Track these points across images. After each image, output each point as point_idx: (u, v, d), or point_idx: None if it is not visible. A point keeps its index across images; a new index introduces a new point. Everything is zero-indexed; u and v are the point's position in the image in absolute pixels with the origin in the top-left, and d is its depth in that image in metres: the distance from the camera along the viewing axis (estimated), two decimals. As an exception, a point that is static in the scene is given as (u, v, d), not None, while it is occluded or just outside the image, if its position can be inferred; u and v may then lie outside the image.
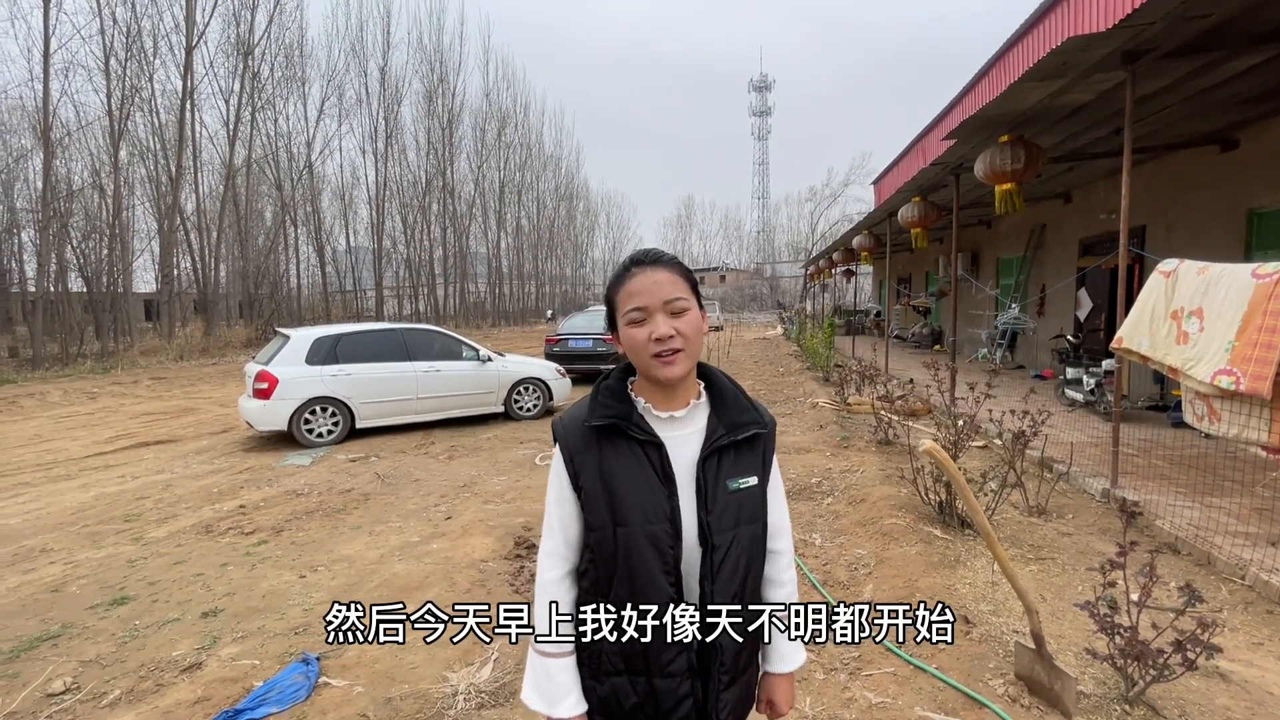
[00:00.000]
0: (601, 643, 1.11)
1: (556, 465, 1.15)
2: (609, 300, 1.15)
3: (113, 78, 21.15)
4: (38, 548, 4.36)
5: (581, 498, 1.11)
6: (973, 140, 6.58)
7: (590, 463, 1.10)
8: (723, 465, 1.12)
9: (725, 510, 1.11)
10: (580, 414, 1.14)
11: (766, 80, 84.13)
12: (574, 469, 1.11)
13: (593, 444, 1.11)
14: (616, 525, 1.08)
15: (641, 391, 1.16)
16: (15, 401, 11.33)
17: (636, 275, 1.10)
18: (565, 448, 1.12)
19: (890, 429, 6.51)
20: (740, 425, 1.15)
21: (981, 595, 3.25)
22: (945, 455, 1.87)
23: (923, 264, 19.18)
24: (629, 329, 1.09)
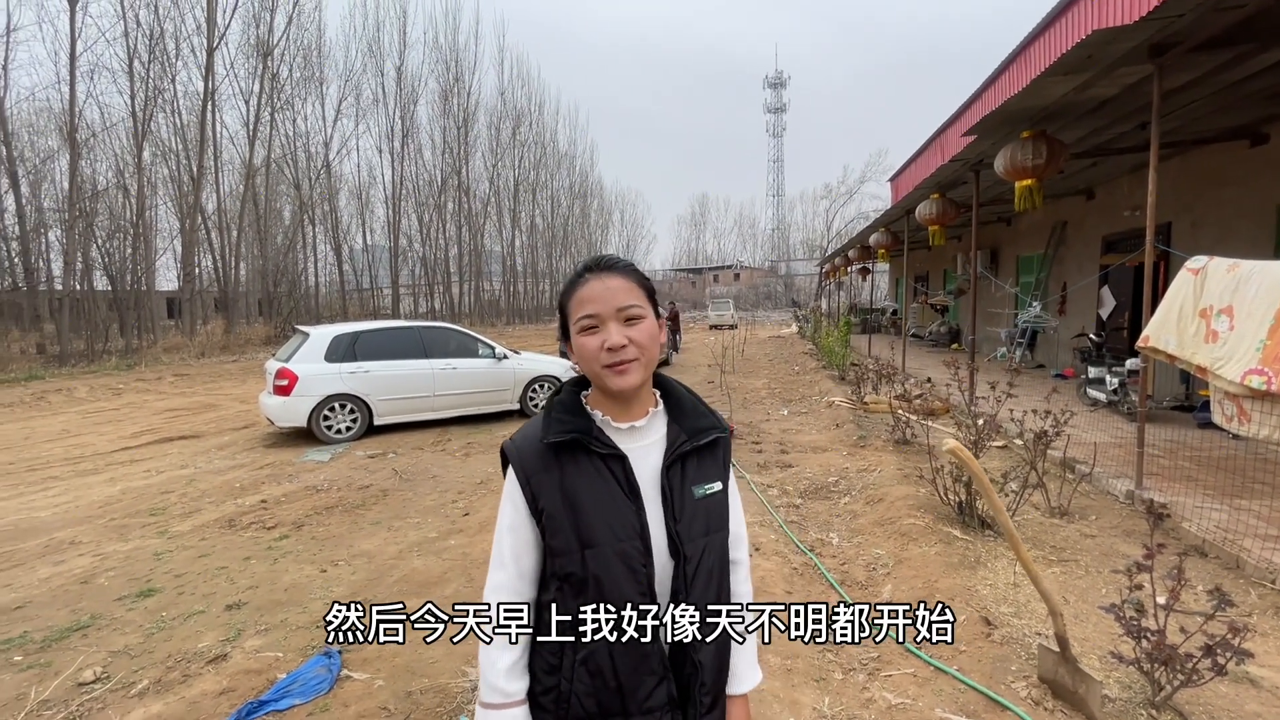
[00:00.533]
0: (571, 684, 1.02)
1: (510, 490, 1.06)
2: (561, 308, 1.09)
3: (136, 79, 21.55)
4: (67, 540, 4.46)
5: (542, 522, 1.03)
6: (993, 136, 6.49)
7: (550, 483, 1.02)
8: (687, 472, 1.08)
9: (694, 518, 1.06)
10: (534, 433, 1.07)
11: (782, 76, 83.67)
12: (531, 492, 1.03)
13: (552, 463, 1.03)
14: (584, 548, 1.01)
15: (598, 404, 1.10)
16: (44, 397, 11.59)
17: (589, 282, 1.04)
18: (521, 470, 1.04)
19: (908, 428, 6.45)
20: (701, 430, 1.11)
21: (1002, 597, 3.21)
22: (969, 455, 1.85)
23: (940, 262, 18.97)
24: (580, 337, 1.03)
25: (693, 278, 68.25)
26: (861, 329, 20.89)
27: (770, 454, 6.46)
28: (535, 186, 44.87)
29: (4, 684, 2.73)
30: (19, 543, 4.43)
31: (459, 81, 36.63)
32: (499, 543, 1.06)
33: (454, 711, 2.48)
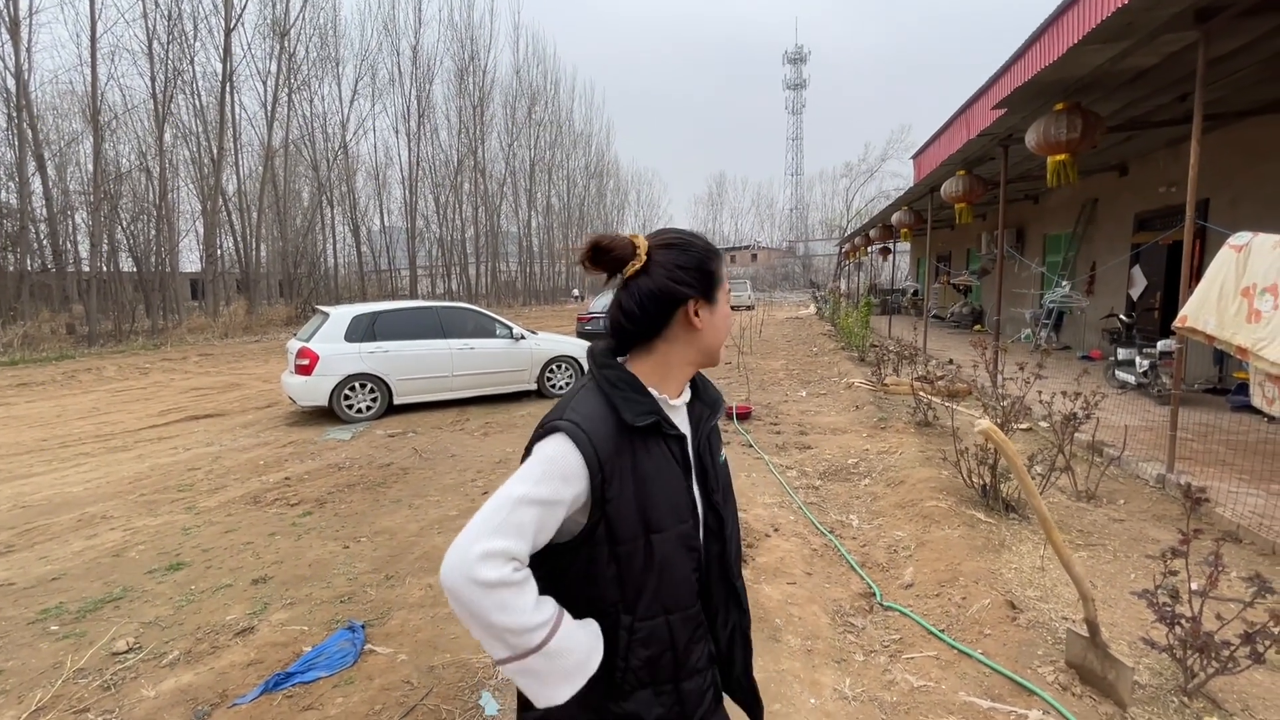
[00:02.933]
0: (628, 661, 1.00)
1: (564, 470, 0.94)
2: (710, 268, 1.06)
3: (155, 61, 21.67)
4: (99, 514, 4.57)
5: (606, 510, 0.96)
6: (1024, 109, 6.27)
7: (623, 469, 0.97)
8: (713, 444, 1.12)
9: (725, 487, 1.12)
10: (602, 413, 0.98)
11: (802, 52, 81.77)
12: (604, 477, 0.95)
13: (625, 447, 0.98)
14: (650, 533, 0.99)
15: (650, 379, 1.04)
16: (74, 376, 11.87)
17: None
18: (594, 453, 0.94)
19: (930, 410, 6.35)
20: (715, 401, 1.16)
21: (1028, 581, 3.16)
22: (1002, 436, 1.79)
23: (964, 241, 18.57)
24: (726, 310, 1.10)
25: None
26: (881, 310, 20.61)
27: (789, 435, 6.41)
28: (551, 166, 44.62)
29: (42, 652, 2.81)
30: (53, 516, 4.55)
31: (474, 60, 36.35)
32: (516, 512, 0.90)
33: (475, 686, 2.50)
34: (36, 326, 17.85)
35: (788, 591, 3.22)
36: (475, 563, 0.86)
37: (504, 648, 0.90)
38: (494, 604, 0.87)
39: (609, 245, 1.01)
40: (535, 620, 0.90)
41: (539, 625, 0.90)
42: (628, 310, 1.02)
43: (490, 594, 0.86)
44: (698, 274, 1.04)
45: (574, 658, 0.94)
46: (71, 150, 25.15)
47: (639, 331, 1.04)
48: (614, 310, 1.05)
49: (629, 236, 1.03)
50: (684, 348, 1.05)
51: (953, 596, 3.03)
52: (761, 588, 3.25)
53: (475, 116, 36.72)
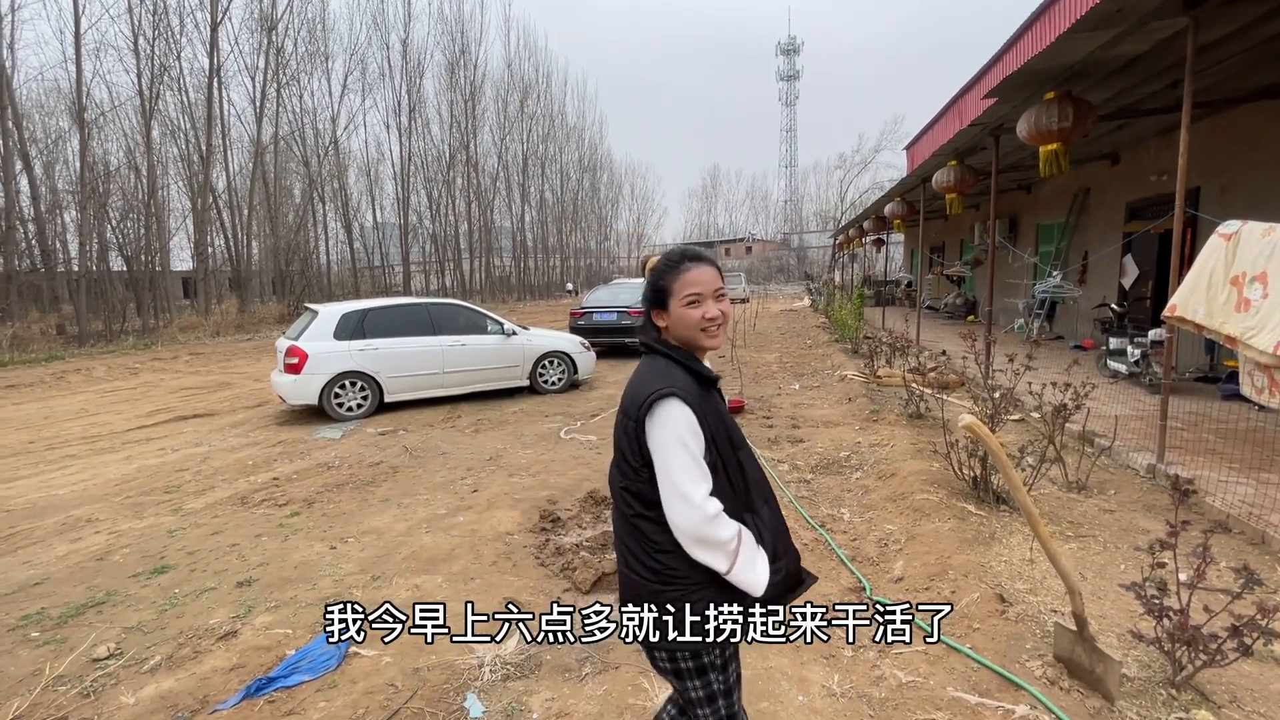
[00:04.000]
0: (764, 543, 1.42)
1: (691, 424, 1.34)
2: (662, 285, 1.45)
3: (141, 57, 21.39)
4: (84, 517, 4.52)
5: (715, 441, 1.37)
6: (1015, 99, 6.23)
7: (708, 411, 1.38)
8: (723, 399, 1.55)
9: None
10: (681, 378, 1.39)
11: (795, 43, 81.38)
12: (703, 418, 1.35)
13: (705, 397, 1.40)
14: (736, 449, 1.43)
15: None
16: (63, 377, 11.76)
17: (692, 269, 1.43)
18: (695, 406, 1.35)
19: (922, 402, 6.34)
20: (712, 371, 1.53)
21: (1018, 573, 3.15)
22: (986, 430, 1.76)
23: (957, 231, 18.56)
24: (686, 309, 1.42)
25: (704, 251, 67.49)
26: (875, 301, 20.60)
27: (781, 429, 6.39)
28: (544, 160, 44.33)
29: (21, 660, 2.77)
30: (38, 520, 4.50)
31: (465, 53, 36.04)
32: (696, 463, 1.33)
33: (461, 688, 2.48)
34: (26, 327, 17.69)
35: (777, 587, 3.20)
36: (703, 504, 1.30)
37: (726, 556, 1.34)
38: (714, 526, 1.31)
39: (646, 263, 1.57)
40: (735, 528, 1.36)
41: (736, 531, 1.36)
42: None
43: (717, 520, 1.32)
44: (652, 290, 1.48)
45: (753, 545, 1.39)
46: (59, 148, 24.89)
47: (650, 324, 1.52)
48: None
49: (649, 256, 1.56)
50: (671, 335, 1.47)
51: (942, 590, 3.02)
52: (751, 584, 3.22)
53: (467, 110, 36.46)
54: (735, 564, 1.34)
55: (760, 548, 1.40)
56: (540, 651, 2.71)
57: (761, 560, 1.38)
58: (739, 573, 1.35)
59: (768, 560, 1.40)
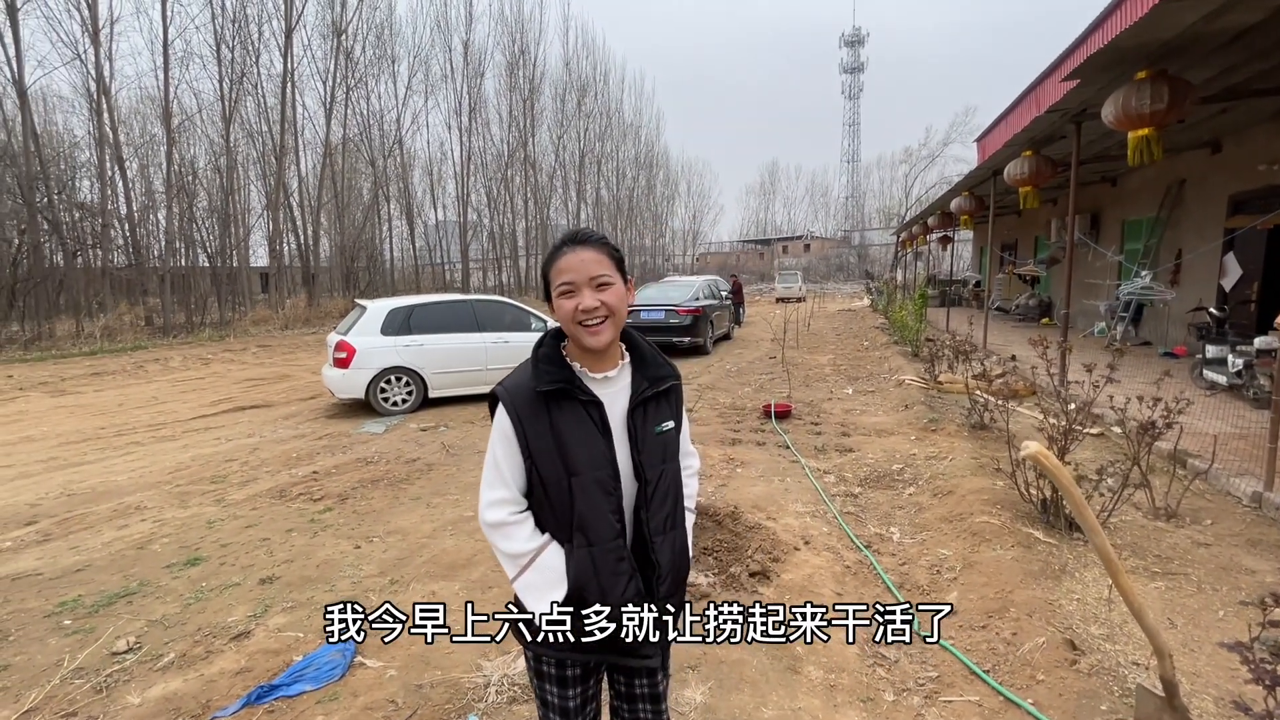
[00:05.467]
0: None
1: (504, 428, 1.27)
2: (544, 275, 1.31)
3: (223, 64, 22.63)
4: (134, 505, 4.67)
5: (532, 456, 1.26)
6: (1100, 80, 5.65)
7: (540, 425, 1.25)
8: (648, 414, 1.33)
9: (654, 451, 1.33)
10: (523, 381, 1.28)
11: (860, 34, 78.77)
12: (523, 430, 1.25)
13: (541, 408, 1.25)
14: (570, 475, 1.25)
15: (576, 357, 1.32)
16: (143, 366, 12.52)
17: (566, 254, 1.26)
18: (514, 412, 1.25)
19: (986, 412, 5.85)
20: (660, 379, 1.35)
21: (1092, 615, 2.77)
22: (1055, 462, 1.46)
23: (1031, 228, 17.40)
24: (559, 300, 1.26)
25: (761, 249, 66.41)
26: (940, 302, 19.60)
27: (830, 436, 6.04)
28: (600, 158, 44.50)
29: (50, 649, 2.81)
30: (94, 505, 4.69)
31: (524, 53, 36.52)
32: (496, 467, 1.29)
33: (463, 710, 2.34)
34: (117, 318, 19.01)
35: (813, 615, 2.92)
36: (484, 510, 1.29)
37: (512, 565, 1.29)
38: (499, 537, 1.28)
39: None
40: (528, 546, 1.27)
41: (531, 550, 1.27)
42: None
43: (495, 531, 1.28)
44: (543, 280, 1.34)
45: (553, 574, 1.26)
46: (152, 152, 26.68)
47: None
48: None
49: None
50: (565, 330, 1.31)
51: (1001, 630, 2.67)
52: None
53: (525, 109, 36.94)
54: (519, 578, 1.28)
55: (562, 583, 1.26)
56: (551, 672, 2.55)
57: (555, 593, 1.26)
58: (520, 588, 1.29)
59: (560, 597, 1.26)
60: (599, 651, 1.32)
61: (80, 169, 23.47)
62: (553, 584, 1.26)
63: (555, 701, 1.39)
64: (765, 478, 4.86)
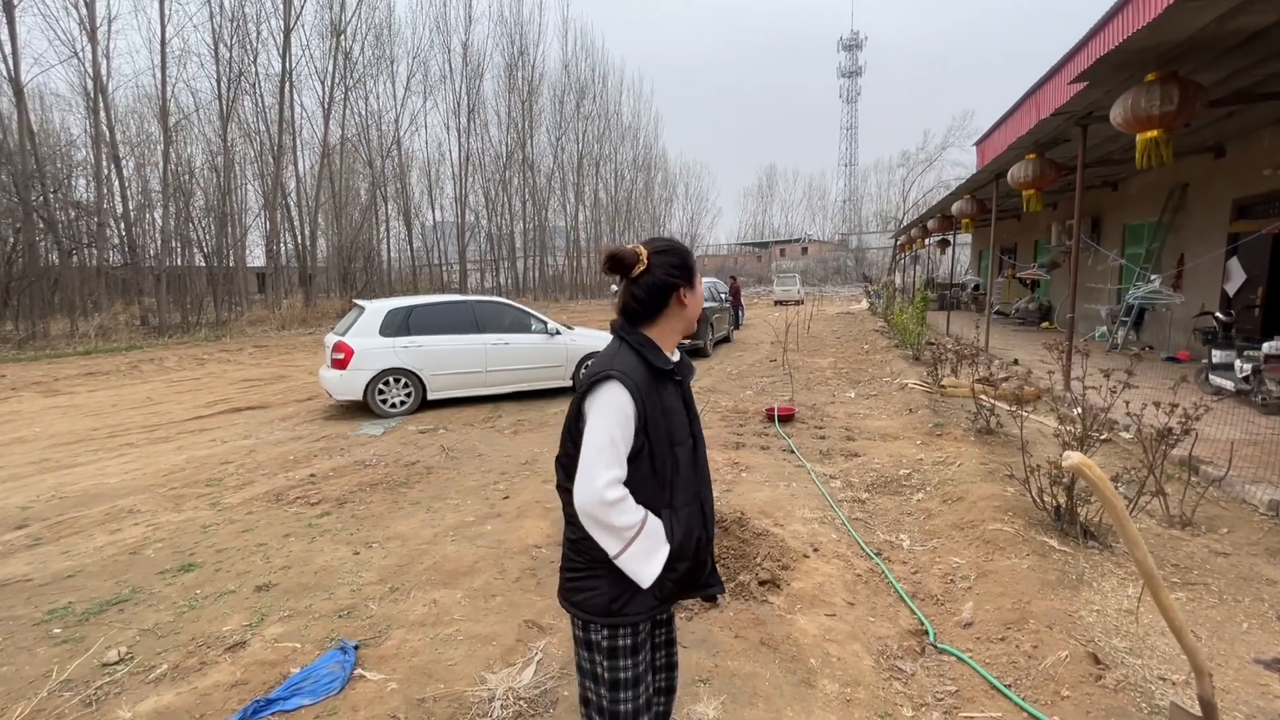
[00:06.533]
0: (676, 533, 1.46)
1: (625, 409, 1.38)
2: (691, 263, 1.53)
3: (221, 63, 22.51)
4: (127, 508, 4.57)
5: (647, 431, 1.40)
6: (1109, 82, 5.61)
7: (654, 401, 1.42)
8: (691, 392, 1.61)
9: (699, 421, 1.61)
10: (635, 363, 1.43)
11: (857, 38, 78.89)
12: (643, 406, 1.39)
13: (652, 386, 1.43)
14: (673, 445, 1.46)
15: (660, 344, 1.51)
16: (137, 366, 12.39)
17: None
18: (636, 391, 1.38)
19: (992, 416, 5.79)
20: (691, 367, 1.63)
21: (1114, 627, 2.69)
22: (1099, 473, 1.39)
23: (1031, 232, 17.39)
24: (697, 296, 1.55)
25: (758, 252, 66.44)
26: (939, 305, 19.58)
27: (834, 440, 5.97)
28: (599, 160, 44.47)
29: (38, 658, 2.71)
30: (85, 509, 4.58)
31: (523, 55, 36.51)
32: (614, 447, 1.37)
33: (466, 726, 2.25)
34: (112, 318, 18.84)
35: (826, 625, 2.85)
36: (603, 489, 1.33)
37: (619, 541, 1.38)
38: (616, 512, 1.35)
39: (621, 255, 1.46)
40: (638, 516, 1.39)
41: (640, 519, 1.39)
42: (639, 298, 1.48)
43: (614, 507, 1.35)
44: (683, 269, 1.51)
45: (658, 538, 1.42)
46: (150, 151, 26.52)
47: (645, 312, 1.50)
48: (625, 297, 1.50)
49: (632, 247, 1.48)
50: (675, 321, 1.53)
51: (1021, 643, 2.60)
52: (795, 619, 2.89)
53: (524, 111, 36.90)
54: (627, 550, 1.38)
55: (666, 544, 1.42)
56: (558, 684, 2.47)
57: (660, 556, 1.41)
58: (629, 560, 1.38)
59: (666, 556, 1.42)
60: (690, 592, 1.55)
61: (77, 168, 23.30)
62: (660, 544, 1.41)
63: (630, 674, 1.49)
64: (770, 482, 4.78)
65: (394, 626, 2.87)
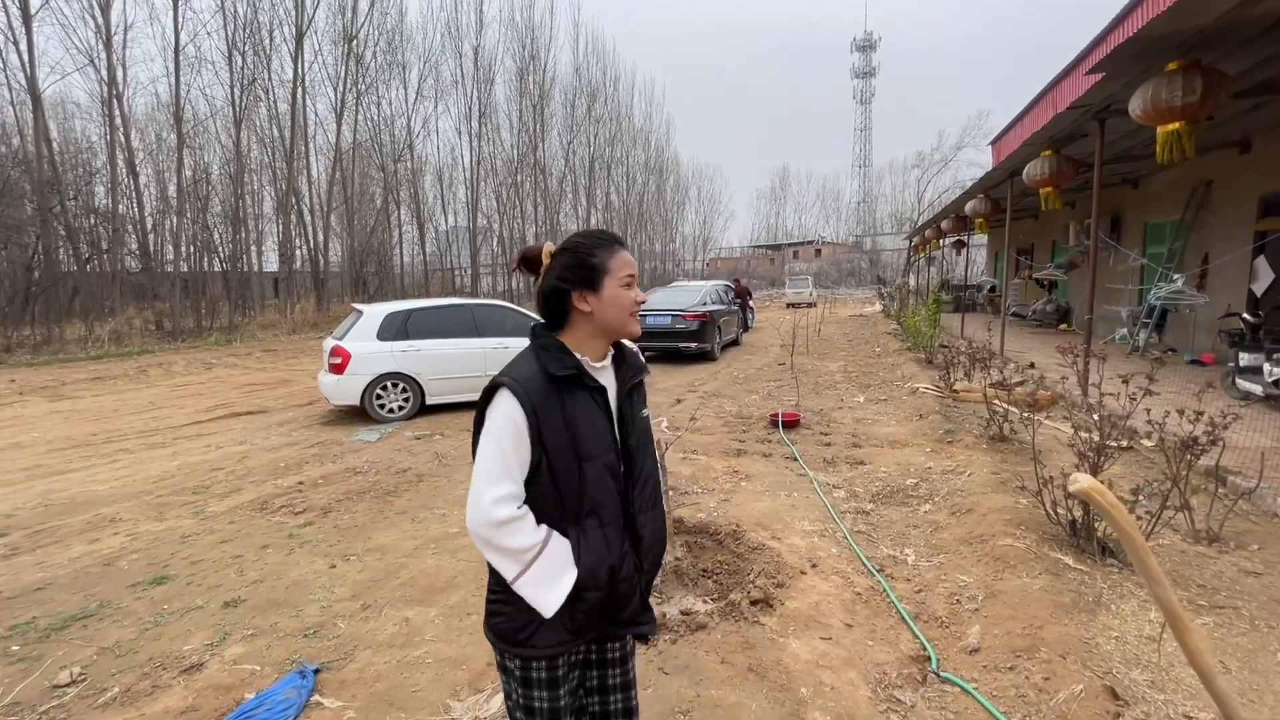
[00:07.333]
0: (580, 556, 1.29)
1: (515, 420, 1.24)
2: (595, 263, 1.32)
3: (234, 70, 22.72)
4: (110, 517, 4.48)
5: (544, 444, 1.26)
6: (1127, 73, 5.36)
7: (553, 412, 1.27)
8: (634, 401, 1.43)
9: (640, 434, 1.42)
10: (533, 371, 1.29)
11: (871, 39, 78.34)
12: (536, 421, 1.25)
13: (554, 396, 1.27)
14: (581, 460, 1.29)
15: (577, 348, 1.34)
16: (146, 370, 12.43)
17: (622, 251, 1.36)
18: (527, 403, 1.25)
19: (1006, 422, 5.55)
20: (639, 369, 1.46)
21: (1133, 657, 2.47)
22: (1111, 498, 1.19)
23: (1048, 232, 16.99)
24: (621, 290, 1.33)
25: (771, 254, 66.06)
26: (954, 307, 19.21)
27: (840, 447, 5.75)
28: (610, 163, 44.44)
29: (-10, 678, 2.60)
30: (68, 517, 4.50)
31: (535, 59, 36.53)
32: (500, 462, 1.24)
33: (424, 760, 2.09)
34: (126, 323, 19.04)
35: (820, 650, 2.65)
36: (490, 507, 1.21)
37: (515, 564, 1.25)
38: (508, 532, 1.23)
39: (528, 255, 1.38)
40: (535, 538, 1.26)
41: (538, 541, 1.26)
42: (539, 301, 1.37)
43: (505, 527, 1.23)
44: (578, 270, 1.32)
45: (561, 562, 1.27)
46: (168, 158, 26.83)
47: (548, 316, 1.37)
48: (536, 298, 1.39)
49: (542, 247, 1.36)
50: (586, 324, 1.35)
51: (1031, 673, 2.38)
52: (788, 643, 2.70)
53: (535, 114, 36.91)
54: (524, 575, 1.25)
55: (573, 569, 1.28)
56: (528, 714, 2.29)
57: (565, 583, 1.27)
58: (526, 586, 1.26)
59: (571, 582, 1.27)
60: (609, 625, 1.36)
61: (96, 175, 23.63)
62: (564, 570, 1.27)
63: (546, 706, 1.35)
64: (770, 492, 4.58)
65: (361, 647, 2.72)
